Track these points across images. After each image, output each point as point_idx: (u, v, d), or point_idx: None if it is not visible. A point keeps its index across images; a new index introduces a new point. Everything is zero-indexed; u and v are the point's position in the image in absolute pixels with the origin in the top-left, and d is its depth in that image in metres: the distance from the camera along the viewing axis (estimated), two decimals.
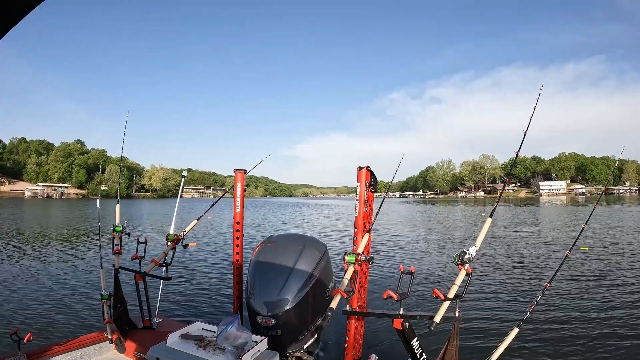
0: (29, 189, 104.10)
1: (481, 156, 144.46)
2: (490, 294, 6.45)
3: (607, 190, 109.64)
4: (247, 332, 2.39)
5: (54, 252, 11.24)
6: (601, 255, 9.91)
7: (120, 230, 3.23)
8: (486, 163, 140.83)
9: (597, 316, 5.22)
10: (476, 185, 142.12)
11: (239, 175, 3.49)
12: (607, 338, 4.47)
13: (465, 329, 4.70)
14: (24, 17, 0.76)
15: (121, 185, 15.64)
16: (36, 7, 0.76)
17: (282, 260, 2.95)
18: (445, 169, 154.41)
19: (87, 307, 5.85)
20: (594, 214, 3.17)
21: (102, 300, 3.07)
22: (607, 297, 6.10)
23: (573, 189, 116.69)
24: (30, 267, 9.07)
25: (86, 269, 8.85)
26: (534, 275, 7.91)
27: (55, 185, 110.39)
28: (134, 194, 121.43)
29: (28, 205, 53.30)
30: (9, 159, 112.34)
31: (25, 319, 5.34)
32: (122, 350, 2.97)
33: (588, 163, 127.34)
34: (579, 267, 8.40)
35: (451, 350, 2.22)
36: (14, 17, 0.74)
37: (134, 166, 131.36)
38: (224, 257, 10.28)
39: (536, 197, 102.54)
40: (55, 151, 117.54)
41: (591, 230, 14.94)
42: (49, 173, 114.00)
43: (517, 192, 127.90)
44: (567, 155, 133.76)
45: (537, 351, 4.15)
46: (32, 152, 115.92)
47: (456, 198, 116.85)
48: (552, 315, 5.25)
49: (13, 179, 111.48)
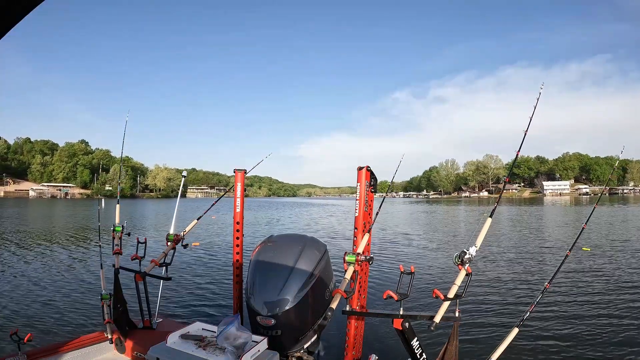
0: (33, 189, 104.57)
1: (485, 156, 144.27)
2: (490, 294, 6.45)
3: (611, 191, 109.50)
4: (247, 332, 2.39)
5: (55, 252, 11.24)
6: (602, 255, 9.90)
7: (120, 230, 3.23)
8: (490, 163, 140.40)
9: (598, 316, 5.22)
10: (480, 185, 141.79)
11: (239, 175, 3.49)
12: (608, 338, 4.47)
13: (465, 329, 4.70)
14: (24, 16, 0.76)
15: (125, 185, 15.52)
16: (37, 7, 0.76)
17: (282, 260, 2.95)
18: (449, 169, 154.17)
19: (87, 307, 5.85)
20: (596, 214, 3.17)
21: (102, 300, 3.07)
22: (608, 297, 6.10)
23: (577, 189, 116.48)
24: (30, 267, 9.08)
25: (86, 269, 8.86)
26: (534, 275, 7.90)
27: (60, 185, 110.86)
28: (138, 194, 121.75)
29: (32, 205, 53.33)
30: (14, 159, 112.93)
31: (25, 319, 5.34)
32: (122, 350, 2.97)
33: (592, 163, 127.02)
34: (580, 267, 8.40)
35: (451, 350, 2.22)
36: (14, 17, 0.74)
37: (138, 166, 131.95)
38: (224, 257, 10.29)
39: (540, 197, 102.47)
40: (59, 151, 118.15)
41: (593, 231, 14.94)
42: (54, 173, 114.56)
43: (520, 192, 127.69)
44: (571, 155, 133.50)
45: (537, 351, 4.15)
46: (36, 152, 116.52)
47: (460, 198, 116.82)
48: (553, 315, 5.25)
49: (18, 179, 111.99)
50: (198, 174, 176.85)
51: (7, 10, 0.71)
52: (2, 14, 0.72)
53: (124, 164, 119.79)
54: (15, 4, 0.72)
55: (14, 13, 0.73)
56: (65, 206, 49.38)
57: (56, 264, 9.50)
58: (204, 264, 9.39)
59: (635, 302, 5.84)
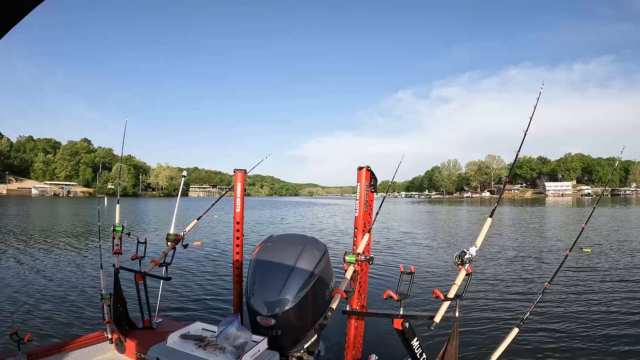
0: (36, 187, 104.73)
1: (487, 156, 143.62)
2: (490, 294, 6.44)
3: (613, 192, 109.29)
4: (247, 332, 2.39)
5: (55, 252, 11.24)
6: (602, 255, 9.90)
7: (120, 230, 3.23)
8: (492, 163, 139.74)
9: (598, 316, 5.21)
10: (482, 185, 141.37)
11: (239, 175, 3.50)
12: (608, 338, 4.47)
13: (465, 329, 4.70)
14: (25, 16, 0.76)
15: (128, 184, 15.23)
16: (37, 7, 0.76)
17: (282, 260, 2.95)
18: (451, 169, 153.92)
19: (87, 307, 5.85)
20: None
21: (102, 300, 3.07)
22: (608, 297, 6.09)
23: (579, 190, 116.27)
24: (30, 266, 9.08)
25: (86, 268, 8.85)
26: (534, 275, 7.90)
27: (62, 183, 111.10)
28: (140, 193, 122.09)
29: (35, 203, 53.33)
30: (16, 157, 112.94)
31: (25, 319, 5.34)
32: (122, 350, 2.97)
33: (594, 164, 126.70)
34: (580, 267, 8.40)
35: (451, 350, 2.22)
36: (14, 17, 0.74)
37: (140, 165, 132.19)
38: (224, 257, 10.29)
39: (542, 198, 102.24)
40: (62, 149, 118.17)
41: (594, 230, 14.92)
42: (56, 171, 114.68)
43: (522, 193, 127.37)
44: (574, 156, 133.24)
45: (537, 351, 4.15)
46: (39, 151, 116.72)
47: (462, 198, 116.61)
48: (553, 316, 5.25)
49: (20, 177, 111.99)
50: (200, 173, 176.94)
51: (7, 10, 0.71)
52: (2, 13, 0.71)
53: (126, 163, 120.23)
54: (16, 4, 0.72)
55: (14, 13, 0.73)
56: (68, 204, 49.37)
57: (56, 263, 9.50)
58: (204, 264, 9.39)
59: (635, 302, 5.83)
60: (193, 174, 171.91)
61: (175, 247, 3.23)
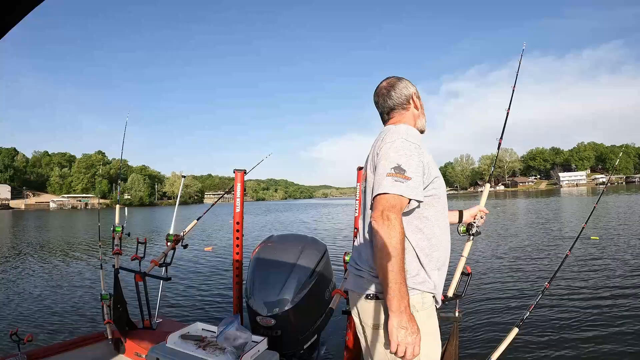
0: (54, 201, 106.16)
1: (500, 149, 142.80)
2: (490, 294, 6.44)
3: (628, 179, 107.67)
4: (247, 332, 2.39)
5: (54, 253, 11.24)
6: (603, 255, 9.89)
7: (120, 231, 3.23)
8: (505, 156, 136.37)
9: (598, 316, 5.21)
10: (496, 179, 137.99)
11: (239, 176, 3.50)
12: (608, 338, 4.46)
13: (465, 329, 4.70)
14: (25, 16, 0.76)
15: (144, 194, 15.13)
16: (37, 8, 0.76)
17: (282, 260, 2.95)
18: (464, 164, 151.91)
19: (87, 308, 5.85)
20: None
21: (102, 301, 3.07)
22: (608, 297, 6.09)
23: (594, 179, 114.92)
24: (30, 267, 9.08)
25: (86, 269, 8.85)
26: (534, 275, 7.89)
27: (80, 196, 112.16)
28: (156, 202, 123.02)
29: (54, 215, 53.25)
30: (33, 172, 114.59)
31: (25, 319, 5.34)
32: (122, 350, 2.97)
33: (607, 152, 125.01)
34: (580, 266, 8.39)
35: (451, 350, 2.22)
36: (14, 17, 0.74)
37: (155, 174, 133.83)
38: (223, 257, 10.29)
39: (556, 188, 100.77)
40: (77, 163, 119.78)
41: (603, 220, 14.66)
42: (72, 184, 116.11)
43: (537, 185, 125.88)
44: (587, 145, 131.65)
45: (537, 351, 4.15)
46: (54, 165, 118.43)
47: (476, 193, 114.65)
48: (553, 315, 5.24)
49: (37, 192, 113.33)
50: (214, 180, 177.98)
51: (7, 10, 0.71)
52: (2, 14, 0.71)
53: (140, 173, 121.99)
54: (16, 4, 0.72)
55: (14, 13, 0.73)
56: (86, 215, 49.18)
57: (56, 264, 9.50)
58: (204, 264, 9.39)
59: (637, 301, 5.83)
60: (207, 180, 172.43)
61: (175, 248, 3.23)
